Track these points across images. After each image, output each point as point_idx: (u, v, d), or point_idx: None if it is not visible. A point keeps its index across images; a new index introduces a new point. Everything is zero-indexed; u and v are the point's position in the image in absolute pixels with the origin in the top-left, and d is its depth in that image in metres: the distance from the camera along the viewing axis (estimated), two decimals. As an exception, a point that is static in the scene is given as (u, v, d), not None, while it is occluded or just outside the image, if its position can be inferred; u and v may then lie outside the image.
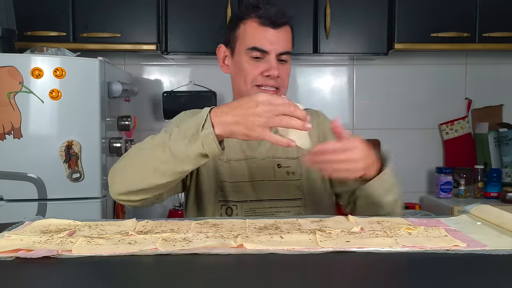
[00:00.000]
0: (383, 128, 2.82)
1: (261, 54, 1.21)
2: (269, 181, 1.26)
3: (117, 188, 1.09)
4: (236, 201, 1.25)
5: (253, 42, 1.21)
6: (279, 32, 1.21)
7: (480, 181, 2.60)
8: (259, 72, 1.22)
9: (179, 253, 0.79)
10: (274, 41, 1.21)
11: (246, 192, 1.26)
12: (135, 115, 2.59)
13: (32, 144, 1.97)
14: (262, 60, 1.22)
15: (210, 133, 0.94)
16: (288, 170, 1.28)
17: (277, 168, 1.28)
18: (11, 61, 1.95)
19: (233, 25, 1.26)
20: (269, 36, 1.21)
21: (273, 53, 1.21)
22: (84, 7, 2.38)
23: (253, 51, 1.21)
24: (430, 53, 2.77)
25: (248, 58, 1.23)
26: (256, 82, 1.23)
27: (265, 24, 1.20)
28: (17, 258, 0.77)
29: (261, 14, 1.21)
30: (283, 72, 1.24)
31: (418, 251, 0.80)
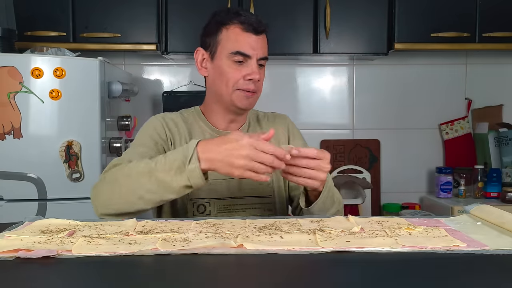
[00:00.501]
0: (383, 128, 2.82)
1: (243, 59, 1.26)
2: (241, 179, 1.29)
3: (101, 210, 1.14)
4: (209, 199, 1.29)
5: (236, 47, 1.25)
6: (259, 38, 1.27)
7: (480, 181, 2.60)
8: (241, 76, 1.26)
9: (179, 253, 0.79)
10: (256, 46, 1.26)
11: (219, 190, 1.29)
12: (135, 115, 2.59)
13: (32, 144, 1.97)
14: (243, 64, 1.26)
15: (196, 167, 1.02)
16: None
17: None
18: (11, 61, 1.95)
19: (213, 29, 1.30)
20: (251, 41, 1.25)
21: (255, 58, 1.26)
22: (84, 7, 2.38)
23: (236, 55, 1.25)
24: (430, 53, 2.77)
25: (230, 62, 1.26)
26: (237, 86, 1.27)
27: (248, 30, 1.25)
28: (17, 258, 0.77)
29: (244, 20, 1.25)
30: (261, 77, 1.29)
31: (418, 251, 0.80)
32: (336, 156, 2.79)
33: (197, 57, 1.34)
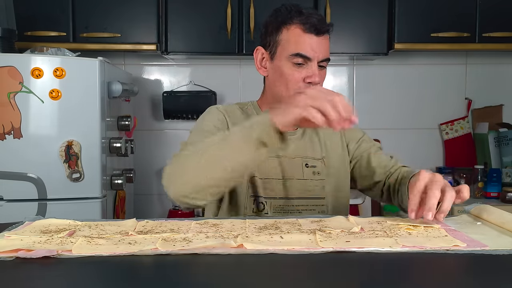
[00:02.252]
0: (383, 128, 2.82)
1: (303, 61, 1.22)
2: (298, 180, 1.29)
3: (179, 189, 1.06)
4: (266, 198, 1.27)
5: (297, 49, 1.21)
6: (321, 39, 1.22)
7: (480, 181, 2.60)
8: (301, 78, 1.23)
9: (179, 253, 0.79)
10: (317, 48, 1.22)
11: (276, 189, 1.28)
12: (135, 115, 2.60)
13: (32, 144, 1.97)
14: (303, 66, 1.23)
15: (268, 120, 0.97)
16: (314, 170, 1.31)
17: (305, 168, 1.31)
18: (11, 61, 1.95)
19: (274, 29, 1.26)
20: (312, 43, 1.21)
21: (315, 60, 1.22)
22: (84, 7, 2.38)
23: (296, 57, 1.22)
24: (430, 53, 2.77)
25: (290, 64, 1.23)
26: (297, 89, 1.22)
27: (310, 31, 1.21)
28: (17, 258, 0.77)
29: (305, 21, 1.21)
30: (322, 78, 1.26)
31: (418, 251, 0.80)
32: (336, 156, 2.79)
33: (256, 56, 1.31)
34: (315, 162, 1.32)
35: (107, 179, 2.11)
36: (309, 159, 1.32)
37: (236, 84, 2.77)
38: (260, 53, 1.31)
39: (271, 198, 1.27)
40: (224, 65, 2.76)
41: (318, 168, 1.32)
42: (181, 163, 1.07)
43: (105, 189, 2.07)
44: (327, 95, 0.96)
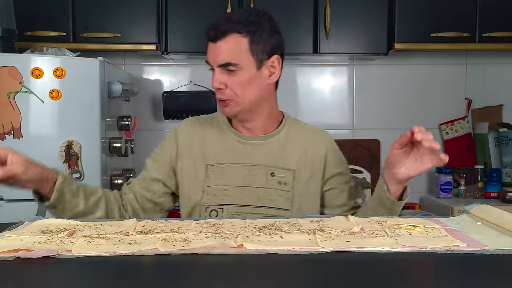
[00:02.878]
0: (383, 128, 2.82)
1: (211, 67, 1.27)
2: (257, 188, 1.29)
3: None
4: (222, 204, 1.28)
5: (207, 57, 1.27)
6: (217, 45, 1.23)
7: (480, 181, 2.60)
8: (212, 83, 1.28)
9: (179, 253, 0.79)
10: (213, 54, 1.24)
11: (233, 196, 1.28)
12: (135, 115, 2.59)
13: (32, 144, 1.97)
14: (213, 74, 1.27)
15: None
16: (281, 180, 1.30)
17: (269, 176, 1.30)
18: (11, 61, 1.95)
19: None
20: (210, 50, 1.25)
21: (215, 66, 1.25)
22: (84, 7, 2.38)
23: (209, 65, 1.28)
24: (430, 53, 2.77)
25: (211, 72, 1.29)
26: (216, 94, 1.29)
27: (209, 39, 1.25)
28: (17, 258, 0.77)
29: (207, 31, 1.25)
30: (230, 82, 1.24)
31: (418, 251, 0.80)
32: (336, 156, 2.79)
33: None
34: (284, 172, 1.30)
35: (107, 179, 2.11)
36: (277, 168, 1.30)
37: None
38: None
39: (227, 205, 1.28)
40: (224, 65, 2.76)
41: (285, 178, 1.30)
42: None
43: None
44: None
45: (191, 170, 1.32)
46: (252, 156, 1.31)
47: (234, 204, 1.28)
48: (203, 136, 1.35)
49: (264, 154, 1.31)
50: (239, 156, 1.31)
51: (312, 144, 1.35)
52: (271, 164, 1.30)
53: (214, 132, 1.35)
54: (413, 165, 1.13)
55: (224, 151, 1.32)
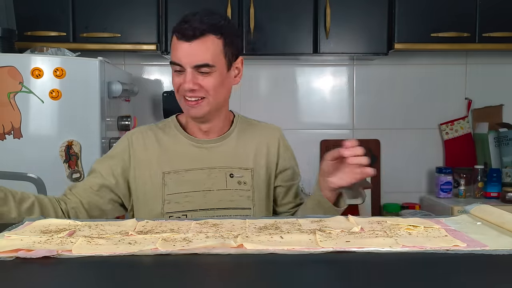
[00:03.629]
0: (383, 128, 2.82)
1: (180, 68, 1.22)
2: (219, 191, 1.28)
3: None
4: (186, 211, 1.26)
5: (172, 57, 1.23)
6: (193, 45, 1.20)
7: (480, 181, 2.60)
8: (179, 84, 1.24)
9: (179, 253, 0.79)
10: (187, 55, 1.20)
11: (196, 202, 1.27)
12: (135, 115, 2.59)
13: (32, 144, 1.97)
14: (182, 73, 1.23)
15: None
16: (240, 180, 1.30)
17: (229, 178, 1.29)
18: (11, 61, 1.95)
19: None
20: (183, 50, 1.21)
21: (187, 67, 1.21)
22: (84, 7, 2.38)
23: (173, 65, 1.23)
24: (430, 53, 2.77)
25: (173, 71, 1.25)
26: (181, 94, 1.25)
27: (181, 38, 1.21)
28: (17, 258, 0.76)
29: (179, 29, 1.21)
30: (205, 83, 1.22)
31: (418, 251, 0.80)
32: (336, 156, 2.79)
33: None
34: (242, 172, 1.30)
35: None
36: (235, 169, 1.30)
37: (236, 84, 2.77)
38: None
39: (191, 211, 1.26)
40: (224, 65, 2.76)
41: (244, 178, 1.30)
42: None
43: (105, 189, 2.07)
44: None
45: (147, 178, 1.28)
46: (209, 159, 1.29)
47: (197, 209, 1.26)
48: (157, 143, 1.31)
49: (221, 156, 1.30)
50: (196, 161, 1.29)
51: (265, 141, 1.36)
52: (229, 165, 1.30)
53: (168, 139, 1.32)
54: (343, 176, 1.16)
55: (180, 157, 1.29)
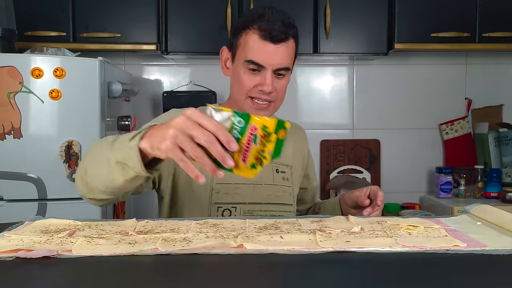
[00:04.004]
0: (383, 128, 2.82)
1: (257, 68, 1.20)
2: (267, 185, 1.29)
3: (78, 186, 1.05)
4: (234, 203, 1.25)
5: (251, 55, 1.19)
6: (278, 48, 1.19)
7: (480, 181, 2.60)
8: (253, 85, 1.21)
9: (179, 253, 0.79)
10: (272, 57, 1.19)
11: (244, 195, 1.26)
12: (135, 115, 2.59)
13: (32, 144, 1.97)
14: (258, 73, 1.21)
15: (135, 145, 0.86)
16: (284, 176, 1.33)
17: (275, 173, 1.31)
18: (11, 61, 1.95)
19: (236, 32, 1.24)
20: (268, 51, 1.18)
21: (270, 69, 1.20)
22: (84, 7, 2.38)
23: (250, 64, 1.20)
24: (430, 53, 2.77)
25: (245, 69, 1.21)
26: (249, 94, 1.23)
27: (266, 38, 1.18)
28: (17, 258, 0.76)
29: (264, 27, 1.17)
30: (278, 86, 1.22)
31: (418, 251, 0.80)
32: (336, 156, 2.79)
33: (221, 56, 1.30)
34: (285, 168, 1.33)
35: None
36: (279, 165, 1.33)
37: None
38: (225, 53, 1.29)
39: (240, 204, 1.25)
40: (224, 65, 2.76)
41: (287, 174, 1.33)
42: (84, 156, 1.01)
43: (105, 189, 2.07)
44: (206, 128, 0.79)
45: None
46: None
47: (246, 202, 1.26)
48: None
49: None
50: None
51: (297, 139, 1.41)
52: (274, 161, 1.25)
53: None
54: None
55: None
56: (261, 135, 0.79)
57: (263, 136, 0.80)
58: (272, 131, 0.80)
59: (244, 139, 0.80)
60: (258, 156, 0.81)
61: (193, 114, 0.79)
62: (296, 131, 1.42)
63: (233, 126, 0.80)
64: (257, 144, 0.80)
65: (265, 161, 0.82)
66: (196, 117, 0.79)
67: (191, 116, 0.79)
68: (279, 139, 0.80)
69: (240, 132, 0.80)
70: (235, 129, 0.80)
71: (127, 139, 0.88)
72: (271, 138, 0.80)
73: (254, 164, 0.82)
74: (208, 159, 0.78)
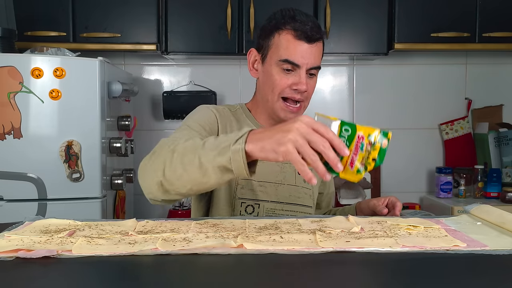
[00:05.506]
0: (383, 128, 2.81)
1: (292, 67, 1.23)
2: (289, 185, 1.32)
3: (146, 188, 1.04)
4: (260, 200, 1.27)
5: (286, 55, 1.22)
6: (312, 47, 1.23)
7: (480, 181, 2.60)
8: (288, 84, 1.23)
9: (179, 253, 0.79)
10: (307, 56, 1.22)
11: (269, 192, 1.29)
12: (135, 115, 2.59)
13: (32, 144, 1.97)
14: (292, 73, 1.23)
15: (241, 149, 0.88)
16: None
17: (297, 174, 1.33)
18: (11, 61, 1.95)
19: (267, 33, 1.26)
20: (302, 50, 1.22)
21: (304, 68, 1.22)
22: (84, 7, 2.38)
23: (285, 64, 1.22)
24: (430, 53, 2.77)
25: (278, 69, 1.24)
26: (283, 94, 1.25)
27: (300, 38, 1.21)
28: (17, 258, 0.77)
29: (298, 27, 1.21)
30: (310, 86, 1.26)
31: (418, 251, 0.80)
32: (336, 156, 2.79)
33: (249, 57, 1.33)
34: None
35: (107, 179, 2.11)
36: None
37: (236, 84, 2.77)
38: (253, 55, 1.32)
39: (263, 201, 1.27)
40: (224, 65, 2.76)
41: None
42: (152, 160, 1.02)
43: (105, 189, 2.07)
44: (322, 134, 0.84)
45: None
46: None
47: (269, 200, 1.28)
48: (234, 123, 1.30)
49: None
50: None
51: None
52: None
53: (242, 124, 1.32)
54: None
55: None
56: (367, 143, 0.89)
57: (369, 144, 0.89)
58: (377, 140, 0.89)
59: (352, 146, 0.88)
60: (363, 162, 0.89)
61: (310, 121, 0.85)
62: None
63: (340, 134, 0.89)
64: (363, 151, 0.89)
65: (369, 167, 0.90)
66: (313, 124, 0.85)
67: (308, 123, 0.85)
68: (382, 148, 0.89)
69: (348, 139, 0.89)
70: (342, 136, 0.89)
71: (227, 143, 0.90)
72: (376, 147, 0.89)
73: (359, 169, 0.89)
74: (321, 163, 0.84)
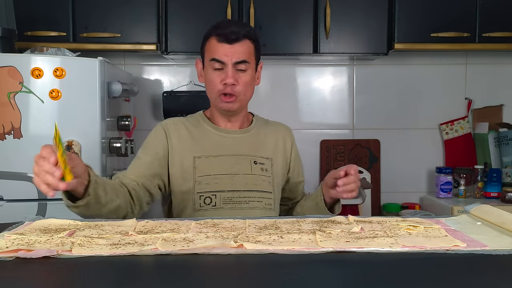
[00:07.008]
0: (383, 128, 2.82)
1: (220, 65, 1.41)
2: (245, 175, 1.45)
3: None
4: (214, 191, 1.42)
5: (212, 55, 1.41)
6: (234, 46, 1.40)
7: (480, 181, 2.60)
8: (219, 81, 1.41)
9: (179, 253, 0.79)
10: (230, 54, 1.40)
11: (224, 183, 1.42)
12: (135, 115, 2.59)
13: (32, 144, 1.97)
14: (222, 71, 1.41)
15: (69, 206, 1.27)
16: (263, 167, 1.48)
17: (253, 164, 1.47)
18: (11, 61, 1.95)
19: (202, 43, 1.48)
20: (225, 50, 1.40)
21: (229, 64, 1.40)
22: (84, 7, 2.38)
23: (213, 62, 1.41)
24: (430, 53, 2.77)
25: (211, 70, 1.42)
26: (218, 91, 1.42)
27: (221, 40, 1.40)
28: (17, 258, 0.77)
29: (219, 33, 1.41)
30: (241, 81, 1.42)
31: (418, 251, 0.80)
32: (336, 156, 2.79)
33: (197, 67, 1.51)
34: (264, 160, 1.49)
35: (107, 179, 2.11)
36: (258, 157, 1.49)
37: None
38: (199, 64, 1.51)
39: (219, 192, 1.42)
40: (224, 65, 2.76)
41: (266, 165, 1.49)
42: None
43: (105, 189, 2.07)
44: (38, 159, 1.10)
45: (180, 162, 1.44)
46: (235, 147, 1.47)
47: (225, 190, 1.42)
48: (188, 133, 1.48)
49: (245, 145, 1.49)
50: (223, 148, 1.47)
51: (281, 137, 1.56)
52: (253, 154, 1.48)
53: (198, 130, 1.50)
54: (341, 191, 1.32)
55: (209, 145, 1.47)
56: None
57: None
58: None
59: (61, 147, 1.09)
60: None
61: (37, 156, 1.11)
62: (280, 129, 1.59)
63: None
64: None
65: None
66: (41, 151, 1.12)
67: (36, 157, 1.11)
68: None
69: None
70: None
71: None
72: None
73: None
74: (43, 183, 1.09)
